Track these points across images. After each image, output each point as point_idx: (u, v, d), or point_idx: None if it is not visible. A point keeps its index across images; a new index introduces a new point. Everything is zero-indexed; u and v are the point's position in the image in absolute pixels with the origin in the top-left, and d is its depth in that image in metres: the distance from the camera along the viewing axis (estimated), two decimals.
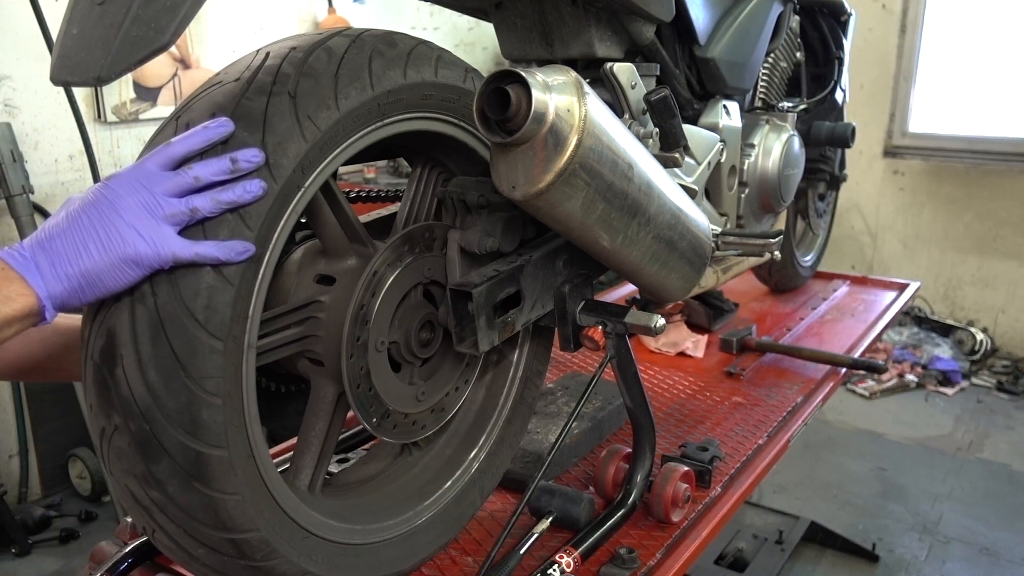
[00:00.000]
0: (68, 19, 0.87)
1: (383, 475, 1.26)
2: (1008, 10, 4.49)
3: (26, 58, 2.98)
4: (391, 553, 1.16)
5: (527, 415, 1.40)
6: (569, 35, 1.44)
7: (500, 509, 1.43)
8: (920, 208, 4.84)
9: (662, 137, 1.39)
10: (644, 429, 1.39)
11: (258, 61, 0.92)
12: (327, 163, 0.95)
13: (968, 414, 4.10)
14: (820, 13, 2.33)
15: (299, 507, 1.01)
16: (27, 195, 2.88)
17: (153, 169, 0.86)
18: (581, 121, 1.03)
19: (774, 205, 1.98)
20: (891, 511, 3.24)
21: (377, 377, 1.10)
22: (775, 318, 2.45)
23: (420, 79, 1.04)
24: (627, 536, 1.34)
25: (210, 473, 0.87)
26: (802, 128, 2.21)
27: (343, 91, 0.94)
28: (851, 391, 4.28)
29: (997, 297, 4.70)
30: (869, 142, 4.81)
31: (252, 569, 0.96)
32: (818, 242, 2.74)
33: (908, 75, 4.74)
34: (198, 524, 0.90)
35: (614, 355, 1.32)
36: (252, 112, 0.87)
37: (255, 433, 0.93)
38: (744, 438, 1.68)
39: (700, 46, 1.68)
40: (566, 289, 1.26)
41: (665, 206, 1.25)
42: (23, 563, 2.91)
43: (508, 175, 1.06)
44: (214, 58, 3.55)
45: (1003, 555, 2.95)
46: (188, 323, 0.83)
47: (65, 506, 3.23)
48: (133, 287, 0.84)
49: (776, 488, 3.35)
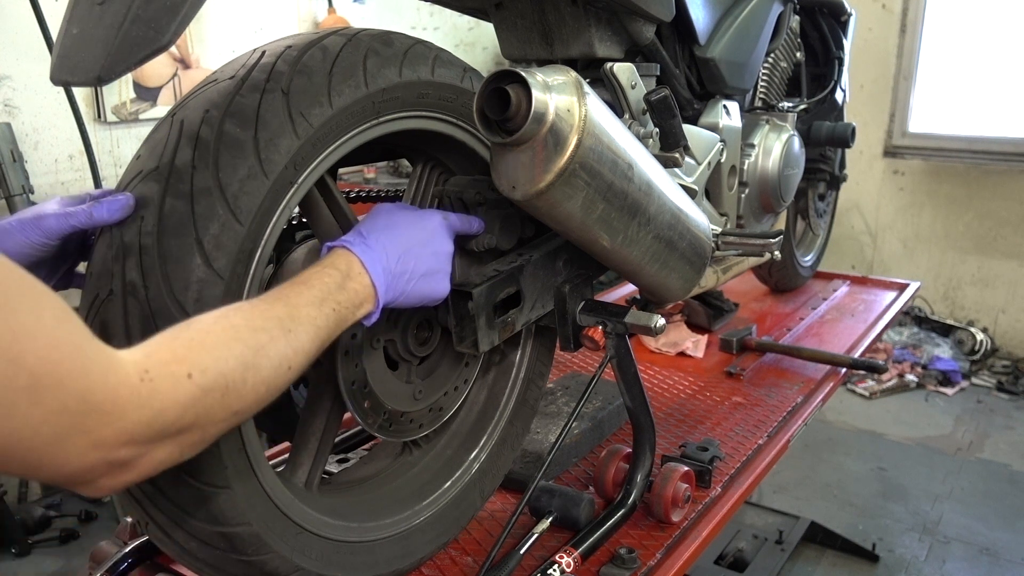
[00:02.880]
0: (68, 19, 0.87)
1: (382, 474, 1.26)
2: (1008, 10, 4.49)
3: (26, 58, 2.98)
4: (388, 552, 1.16)
5: (529, 416, 1.40)
6: (569, 35, 1.44)
7: (500, 509, 1.43)
8: (920, 208, 4.84)
9: (662, 137, 1.39)
10: (644, 429, 1.39)
11: (254, 59, 0.93)
12: (321, 160, 0.95)
13: (968, 414, 4.09)
14: (820, 13, 2.33)
15: (293, 503, 1.01)
16: (27, 195, 2.88)
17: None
18: (581, 121, 1.03)
19: (774, 205, 1.98)
20: (891, 511, 3.23)
21: (373, 375, 1.11)
22: (775, 318, 2.45)
23: (416, 78, 1.04)
24: (627, 536, 1.34)
25: (200, 466, 0.88)
26: (802, 128, 2.21)
27: (337, 89, 0.94)
28: (851, 391, 4.28)
29: (997, 297, 4.70)
30: (869, 142, 4.80)
31: (244, 563, 0.96)
32: (818, 242, 2.74)
33: (908, 75, 4.74)
34: (189, 517, 0.90)
35: (614, 355, 1.32)
36: (245, 109, 0.88)
37: (247, 428, 0.93)
38: (744, 438, 1.68)
39: (700, 46, 1.68)
40: (566, 289, 1.26)
41: (665, 206, 1.25)
42: (23, 563, 2.91)
43: (508, 175, 1.06)
44: (214, 58, 3.55)
45: (1003, 555, 2.95)
46: (179, 316, 0.83)
47: (65, 506, 3.23)
48: (124, 280, 0.84)
49: (776, 488, 3.35)
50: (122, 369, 0.63)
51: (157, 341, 0.70)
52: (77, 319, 0.63)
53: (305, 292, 0.85)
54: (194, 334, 0.72)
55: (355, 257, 0.92)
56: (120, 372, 0.63)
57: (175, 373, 0.67)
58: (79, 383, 0.59)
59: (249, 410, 0.76)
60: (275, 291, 0.84)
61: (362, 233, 0.96)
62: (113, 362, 0.63)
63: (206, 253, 0.84)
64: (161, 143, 0.88)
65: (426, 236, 1.02)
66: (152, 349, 0.68)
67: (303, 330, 0.81)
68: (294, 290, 0.85)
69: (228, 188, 0.86)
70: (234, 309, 0.78)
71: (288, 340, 0.79)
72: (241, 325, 0.75)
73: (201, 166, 0.85)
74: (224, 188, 0.85)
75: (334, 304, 0.87)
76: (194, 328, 0.73)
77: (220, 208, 0.85)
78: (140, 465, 0.67)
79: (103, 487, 0.66)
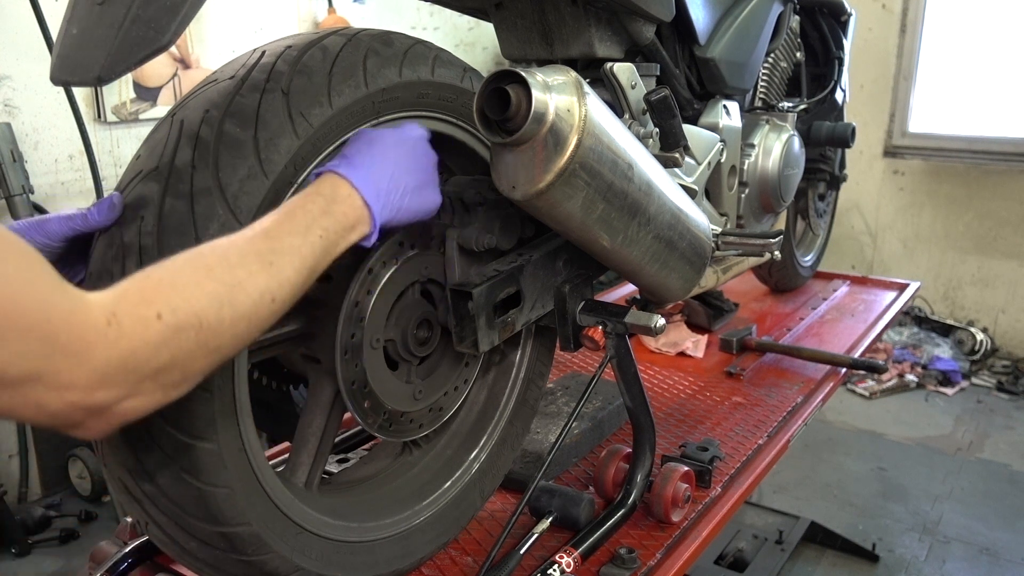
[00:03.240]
0: (68, 19, 0.87)
1: (382, 474, 1.26)
2: (1008, 10, 4.49)
3: (26, 58, 2.98)
4: (388, 552, 1.16)
5: (529, 416, 1.40)
6: (569, 35, 1.44)
7: (500, 509, 1.43)
8: (920, 208, 4.84)
9: (662, 137, 1.39)
10: (644, 429, 1.39)
11: (254, 59, 0.93)
12: (321, 159, 0.95)
13: (968, 414, 4.09)
14: (820, 13, 2.33)
15: (293, 503, 1.01)
16: (27, 195, 2.88)
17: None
18: (581, 121, 1.03)
19: (774, 205, 1.98)
20: (891, 511, 3.23)
21: (373, 375, 1.11)
22: (775, 318, 2.45)
23: (416, 78, 1.04)
24: (627, 536, 1.34)
25: (200, 465, 0.88)
26: (802, 128, 2.21)
27: (337, 89, 0.94)
28: (851, 391, 4.28)
29: (997, 297, 4.70)
30: (869, 142, 4.80)
31: (244, 563, 0.96)
32: (818, 242, 2.74)
33: (908, 75, 4.74)
34: (189, 517, 0.90)
35: (614, 355, 1.32)
36: (245, 109, 0.88)
37: (247, 427, 0.94)
38: (744, 438, 1.68)
39: (700, 46, 1.68)
40: (566, 289, 1.26)
41: (665, 206, 1.25)
42: (23, 563, 2.90)
43: (508, 175, 1.06)
44: (214, 58, 3.55)
45: (1003, 555, 2.95)
46: None
47: (65, 506, 3.22)
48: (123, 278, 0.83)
49: (776, 488, 3.35)
50: (88, 311, 0.63)
51: (128, 283, 0.69)
52: (44, 265, 0.62)
53: (286, 222, 0.83)
54: (164, 274, 0.71)
55: (342, 179, 0.90)
56: (86, 314, 0.63)
57: (143, 314, 0.67)
58: (43, 325, 0.60)
59: (231, 345, 0.75)
60: (257, 224, 0.82)
61: (347, 155, 0.94)
62: (79, 305, 0.63)
63: None
64: (161, 143, 0.88)
65: (411, 148, 1.00)
66: (122, 291, 0.68)
67: (286, 261, 0.80)
68: (276, 221, 0.83)
69: (228, 188, 0.86)
70: (210, 247, 0.77)
71: (270, 273, 0.77)
72: (215, 263, 0.74)
73: (201, 166, 0.85)
74: (224, 188, 0.85)
75: (320, 231, 0.85)
76: (166, 268, 0.72)
77: (220, 208, 0.85)
78: (122, 408, 0.67)
79: (92, 429, 0.67)
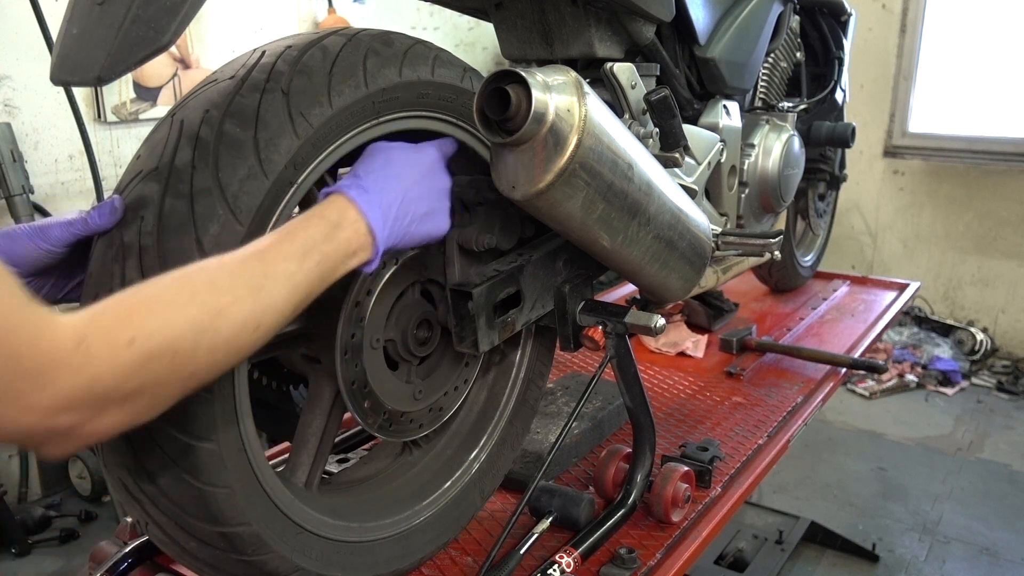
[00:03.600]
0: (68, 19, 0.87)
1: (382, 474, 1.26)
2: (1008, 10, 4.49)
3: (26, 58, 2.98)
4: (388, 552, 1.16)
5: (529, 416, 1.40)
6: (569, 35, 1.44)
7: (500, 509, 1.43)
8: (920, 208, 4.84)
9: (662, 137, 1.39)
10: (644, 429, 1.39)
11: (254, 59, 0.93)
12: (321, 160, 0.95)
13: (968, 414, 4.09)
14: (820, 13, 2.33)
15: (293, 503, 1.01)
16: (27, 195, 2.88)
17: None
18: (581, 121, 1.03)
19: (774, 205, 1.98)
20: (891, 511, 3.23)
21: (373, 375, 1.11)
22: (775, 318, 2.45)
23: (416, 78, 1.04)
24: (627, 536, 1.34)
25: (200, 466, 0.88)
26: (802, 128, 2.21)
27: (337, 89, 0.94)
28: (851, 391, 4.28)
29: (997, 297, 4.70)
30: (869, 142, 4.80)
31: (244, 563, 0.96)
32: (818, 242, 2.74)
33: (908, 75, 4.74)
34: (189, 517, 0.90)
35: (614, 355, 1.32)
36: (245, 109, 0.88)
37: (247, 427, 0.94)
38: (744, 438, 1.68)
39: (700, 46, 1.68)
40: (566, 289, 1.27)
41: (665, 206, 1.25)
42: (23, 563, 2.91)
43: (508, 175, 1.06)
44: (214, 58, 3.55)
45: (1003, 555, 2.95)
46: None
47: (65, 506, 3.22)
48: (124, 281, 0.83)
49: (776, 488, 3.35)
50: (57, 334, 0.61)
51: (105, 303, 0.67)
52: (14, 283, 0.61)
53: (286, 245, 0.81)
54: (144, 296, 0.69)
55: (350, 203, 0.89)
56: (53, 337, 0.61)
57: (115, 339, 0.64)
58: (6, 346, 0.59)
59: (208, 372, 0.72)
60: (255, 243, 0.80)
61: (359, 175, 0.93)
62: (47, 327, 0.61)
63: (206, 253, 0.84)
64: (161, 143, 0.88)
65: (425, 172, 1.00)
66: (97, 313, 0.66)
67: (276, 287, 0.77)
68: (274, 242, 0.81)
69: (228, 188, 0.86)
70: (199, 268, 0.74)
71: (257, 299, 0.75)
72: (201, 286, 0.72)
73: (201, 166, 0.85)
74: (224, 188, 0.85)
75: (319, 256, 0.82)
76: (148, 289, 0.70)
77: (220, 208, 0.85)
78: (86, 431, 0.65)
79: (52, 451, 0.65)
